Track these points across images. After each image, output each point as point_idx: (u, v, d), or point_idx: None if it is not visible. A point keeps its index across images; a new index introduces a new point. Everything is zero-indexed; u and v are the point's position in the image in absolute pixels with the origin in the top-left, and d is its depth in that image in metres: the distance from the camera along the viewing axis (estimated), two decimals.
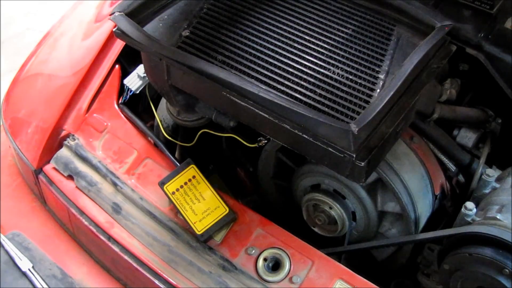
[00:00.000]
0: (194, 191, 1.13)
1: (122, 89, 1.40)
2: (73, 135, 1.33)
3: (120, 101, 1.37)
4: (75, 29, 1.59)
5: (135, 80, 1.36)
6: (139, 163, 1.25)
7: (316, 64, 1.02)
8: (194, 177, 1.14)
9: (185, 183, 1.14)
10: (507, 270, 0.92)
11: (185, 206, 1.12)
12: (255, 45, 1.05)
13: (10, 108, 1.43)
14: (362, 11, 1.13)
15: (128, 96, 1.38)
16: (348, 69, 1.01)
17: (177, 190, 1.13)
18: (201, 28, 1.09)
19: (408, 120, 1.08)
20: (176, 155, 1.42)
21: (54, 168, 1.30)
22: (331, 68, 1.01)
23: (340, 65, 1.02)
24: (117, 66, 1.43)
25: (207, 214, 1.11)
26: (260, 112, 0.95)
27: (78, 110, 1.36)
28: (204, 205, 1.12)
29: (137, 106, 1.40)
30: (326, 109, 0.95)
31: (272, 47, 1.05)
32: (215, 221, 1.10)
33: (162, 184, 1.15)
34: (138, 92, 1.37)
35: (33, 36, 2.88)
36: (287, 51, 1.04)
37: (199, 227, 1.09)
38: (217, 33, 1.08)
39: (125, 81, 1.37)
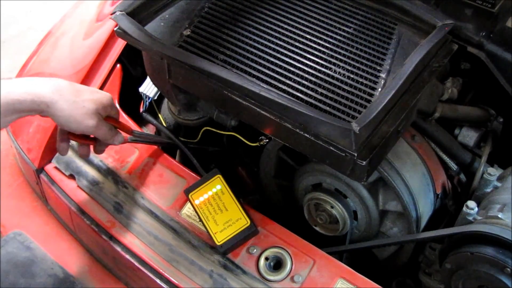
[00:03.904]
0: (218, 201, 1.12)
1: (123, 88, 1.40)
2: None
3: (141, 110, 1.36)
4: (76, 28, 1.59)
5: (150, 87, 1.36)
6: (141, 162, 1.25)
7: (317, 63, 1.02)
8: (219, 187, 1.13)
9: (210, 193, 1.13)
10: (508, 269, 0.92)
11: (207, 215, 1.11)
12: (256, 44, 1.05)
13: None
14: (364, 10, 1.14)
15: (147, 104, 1.37)
16: (350, 68, 1.01)
17: (202, 199, 1.12)
18: (203, 27, 1.10)
19: (410, 119, 1.08)
20: (177, 155, 1.42)
21: (56, 168, 1.30)
22: (333, 67, 1.02)
23: (341, 64, 1.02)
24: (118, 65, 1.43)
25: (228, 225, 1.09)
26: (261, 111, 0.95)
27: None
28: (226, 216, 1.10)
29: (139, 106, 1.39)
30: (328, 108, 0.95)
31: (273, 46, 1.05)
32: (236, 233, 1.08)
33: (187, 192, 1.13)
34: (156, 98, 1.36)
35: (34, 35, 2.88)
36: (289, 50, 1.04)
37: (219, 238, 1.08)
38: (219, 32, 1.08)
39: (141, 89, 1.36)
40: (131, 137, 1.20)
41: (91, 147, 1.16)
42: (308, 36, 1.07)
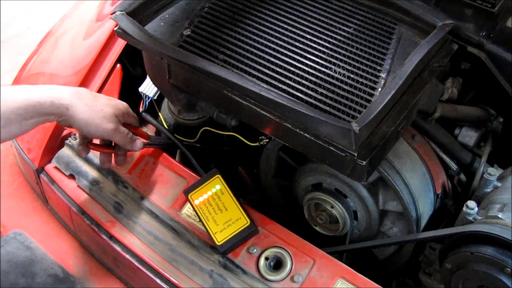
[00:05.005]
0: (218, 201, 1.12)
1: (123, 88, 1.40)
2: (74, 134, 1.33)
3: (141, 110, 1.37)
4: (76, 28, 1.59)
5: (150, 87, 1.36)
6: (141, 162, 1.25)
7: (317, 63, 1.02)
8: (218, 187, 1.13)
9: (210, 193, 1.13)
10: (508, 269, 0.92)
11: (207, 216, 1.11)
12: (256, 44, 1.05)
13: None
14: (364, 10, 1.14)
15: (147, 103, 1.37)
16: (350, 68, 1.01)
17: (201, 199, 1.12)
18: (203, 27, 1.10)
19: (410, 119, 1.08)
20: (177, 154, 1.42)
21: (56, 167, 1.30)
22: (333, 67, 1.02)
23: (341, 64, 1.02)
24: (118, 65, 1.43)
25: (228, 225, 1.09)
26: (261, 111, 0.95)
27: None
28: (226, 216, 1.10)
29: (139, 106, 1.39)
30: (328, 108, 0.95)
31: (273, 46, 1.05)
32: (236, 232, 1.08)
33: (187, 192, 1.13)
34: (155, 97, 1.37)
35: (34, 35, 2.88)
36: (289, 50, 1.04)
37: (219, 238, 1.08)
38: (219, 32, 1.08)
39: (141, 89, 1.36)
40: (148, 142, 1.23)
41: (113, 156, 1.19)
42: (308, 36, 1.07)
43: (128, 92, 1.41)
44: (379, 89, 0.98)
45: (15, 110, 0.95)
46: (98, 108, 1.05)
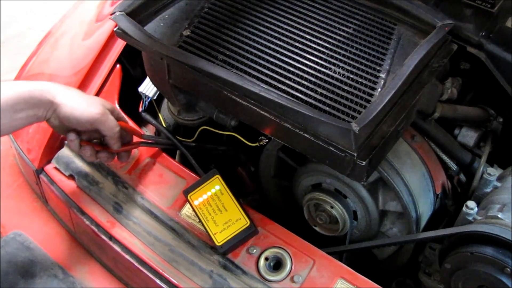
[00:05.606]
0: (217, 202, 1.12)
1: (122, 89, 1.40)
2: None
3: (141, 110, 1.37)
4: (76, 28, 1.59)
5: (150, 87, 1.36)
6: (140, 163, 1.25)
7: (317, 63, 1.02)
8: (218, 187, 1.13)
9: (209, 193, 1.13)
10: (508, 269, 0.92)
11: (207, 216, 1.11)
12: (256, 44, 1.05)
13: None
14: (363, 10, 1.14)
15: (147, 103, 1.37)
16: (349, 68, 1.02)
17: (201, 200, 1.12)
18: (202, 28, 1.10)
19: (409, 119, 1.08)
20: (177, 155, 1.42)
21: (55, 168, 1.30)
22: (332, 67, 1.02)
23: (341, 64, 1.02)
24: (118, 65, 1.43)
25: (227, 225, 1.09)
26: (261, 112, 0.95)
27: None
28: (225, 216, 1.10)
29: (138, 106, 1.40)
30: (327, 108, 0.95)
31: (273, 46, 1.05)
32: (235, 233, 1.08)
33: (186, 193, 1.14)
34: (155, 97, 1.36)
35: (34, 35, 2.88)
36: (288, 50, 1.04)
37: (219, 238, 1.08)
38: (218, 32, 1.08)
39: (140, 89, 1.36)
40: (147, 142, 1.23)
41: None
42: (308, 36, 1.07)
43: (128, 92, 1.41)
44: (379, 89, 0.98)
45: (7, 100, 1.00)
46: (85, 96, 1.10)
